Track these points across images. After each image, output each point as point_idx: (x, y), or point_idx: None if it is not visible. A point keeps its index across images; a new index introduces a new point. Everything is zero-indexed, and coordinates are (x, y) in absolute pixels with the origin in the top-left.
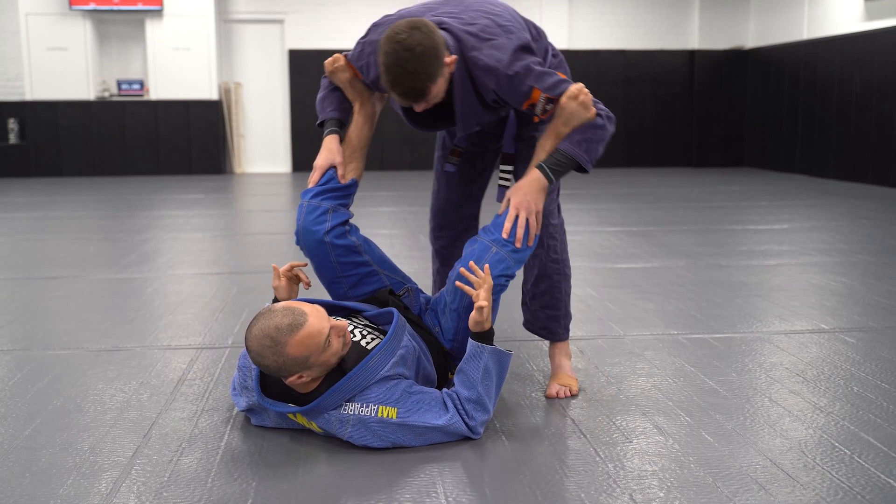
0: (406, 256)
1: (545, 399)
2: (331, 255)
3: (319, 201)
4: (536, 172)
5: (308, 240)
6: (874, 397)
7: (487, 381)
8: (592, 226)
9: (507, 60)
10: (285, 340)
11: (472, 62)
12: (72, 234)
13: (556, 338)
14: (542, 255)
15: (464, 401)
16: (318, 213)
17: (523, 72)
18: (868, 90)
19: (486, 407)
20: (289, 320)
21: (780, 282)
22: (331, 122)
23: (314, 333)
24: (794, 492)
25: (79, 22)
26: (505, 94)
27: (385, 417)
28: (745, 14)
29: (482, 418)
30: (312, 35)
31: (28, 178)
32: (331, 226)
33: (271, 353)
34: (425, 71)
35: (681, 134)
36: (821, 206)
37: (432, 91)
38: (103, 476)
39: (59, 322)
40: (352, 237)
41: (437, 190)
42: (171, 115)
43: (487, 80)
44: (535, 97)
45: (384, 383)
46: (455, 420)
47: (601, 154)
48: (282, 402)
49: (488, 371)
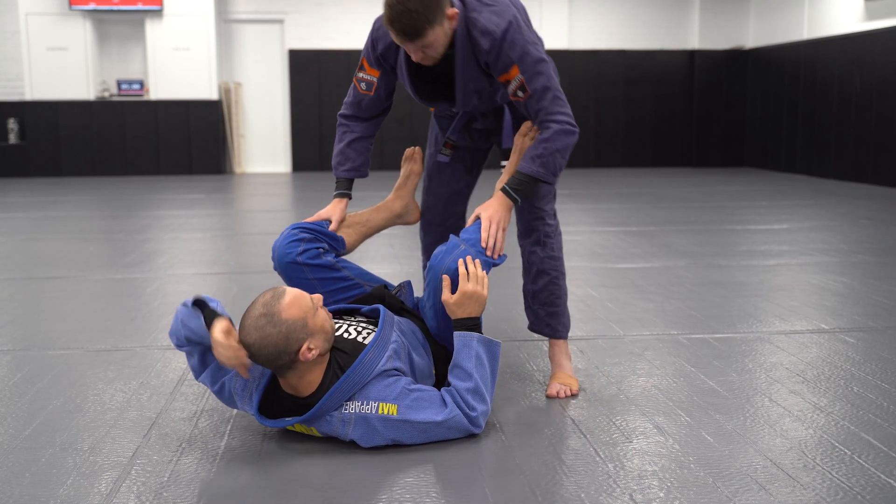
0: (406, 256)
1: (545, 399)
2: (306, 274)
3: (298, 232)
4: (501, 194)
5: (281, 262)
6: (874, 397)
7: (481, 369)
8: (592, 226)
9: (504, 26)
10: (277, 308)
11: (472, 22)
12: (72, 234)
13: (558, 335)
14: (540, 251)
15: (462, 392)
16: (292, 239)
17: (515, 43)
18: (868, 90)
19: (483, 397)
20: (269, 294)
21: (780, 282)
22: (343, 182)
23: (298, 295)
24: (794, 492)
25: (79, 22)
26: (492, 60)
27: (386, 414)
28: (745, 14)
29: (482, 408)
30: (312, 35)
31: (28, 178)
32: (304, 248)
33: (271, 325)
34: (425, 11)
35: (681, 134)
36: (821, 206)
37: (429, 35)
38: (103, 476)
39: (59, 322)
40: (327, 257)
41: (427, 186)
42: (171, 115)
43: (482, 42)
44: (513, 74)
45: (383, 379)
46: (455, 414)
47: (564, 164)
48: (279, 419)
49: (480, 359)
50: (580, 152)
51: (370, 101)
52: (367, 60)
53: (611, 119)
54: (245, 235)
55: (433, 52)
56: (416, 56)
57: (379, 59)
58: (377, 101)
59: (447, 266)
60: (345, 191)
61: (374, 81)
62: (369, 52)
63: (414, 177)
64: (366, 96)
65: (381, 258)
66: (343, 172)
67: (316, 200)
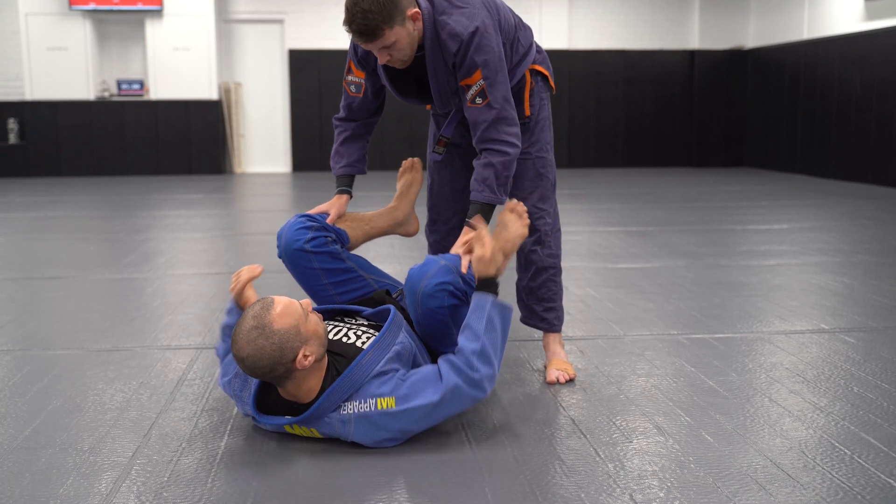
0: (406, 256)
1: (546, 397)
2: (313, 262)
3: (305, 220)
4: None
5: (288, 249)
6: (874, 397)
7: (492, 333)
8: (592, 226)
9: (472, 29)
10: (268, 319)
11: (441, 25)
12: (72, 234)
13: (553, 329)
14: (541, 250)
15: (468, 354)
16: (300, 227)
17: (481, 47)
18: (868, 90)
19: (490, 360)
20: (258, 306)
21: (780, 282)
22: (342, 179)
23: (287, 303)
24: (794, 492)
25: (79, 22)
26: (458, 62)
27: (385, 409)
28: (745, 14)
29: (487, 371)
30: (312, 35)
31: (28, 178)
32: (311, 236)
33: (263, 338)
34: (380, 11)
35: (681, 134)
36: (821, 206)
37: (388, 36)
38: (103, 476)
39: (59, 322)
40: (334, 246)
41: (430, 184)
42: (171, 115)
43: (450, 44)
44: (475, 79)
45: (378, 378)
46: (452, 384)
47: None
48: (276, 416)
49: (492, 322)
50: (580, 152)
51: (360, 103)
52: (353, 62)
53: (611, 119)
54: (245, 235)
55: (399, 55)
56: (382, 58)
57: (361, 61)
58: (366, 101)
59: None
60: (344, 187)
61: (361, 83)
62: (353, 54)
63: (415, 186)
64: (355, 98)
65: (381, 258)
66: (339, 169)
67: (316, 200)
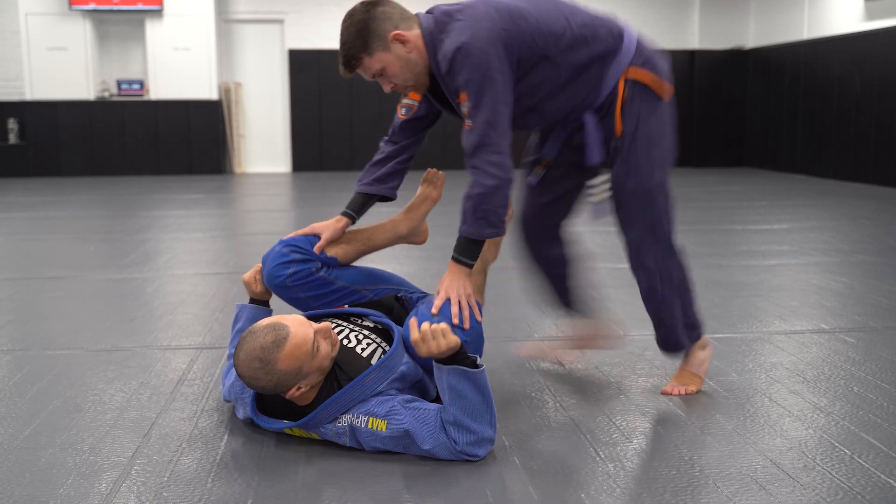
0: (406, 256)
1: (545, 390)
2: (297, 293)
3: (289, 251)
4: (452, 262)
5: (270, 283)
6: (874, 397)
7: (460, 400)
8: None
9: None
10: (274, 358)
11: (438, 46)
12: (72, 234)
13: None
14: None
15: (446, 424)
16: (281, 261)
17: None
18: (868, 90)
19: (467, 428)
20: (272, 337)
21: (780, 282)
22: (354, 198)
23: (300, 343)
24: (794, 492)
25: (79, 22)
26: (450, 83)
27: (374, 429)
28: (745, 14)
29: (467, 438)
30: (312, 35)
31: (28, 178)
32: (293, 271)
33: (263, 374)
34: (354, 41)
35: (681, 134)
36: (821, 206)
37: (370, 64)
38: (103, 476)
39: (59, 322)
40: (319, 274)
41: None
42: (171, 115)
43: (443, 66)
44: (462, 98)
45: (377, 396)
46: (441, 442)
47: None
48: (276, 420)
49: (455, 390)
50: None
51: (403, 125)
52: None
53: None
54: (245, 235)
55: (399, 80)
56: (384, 87)
57: None
58: (408, 124)
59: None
60: (350, 211)
61: (413, 104)
62: None
63: (430, 202)
64: (400, 120)
65: (381, 258)
66: (357, 186)
67: (316, 200)
